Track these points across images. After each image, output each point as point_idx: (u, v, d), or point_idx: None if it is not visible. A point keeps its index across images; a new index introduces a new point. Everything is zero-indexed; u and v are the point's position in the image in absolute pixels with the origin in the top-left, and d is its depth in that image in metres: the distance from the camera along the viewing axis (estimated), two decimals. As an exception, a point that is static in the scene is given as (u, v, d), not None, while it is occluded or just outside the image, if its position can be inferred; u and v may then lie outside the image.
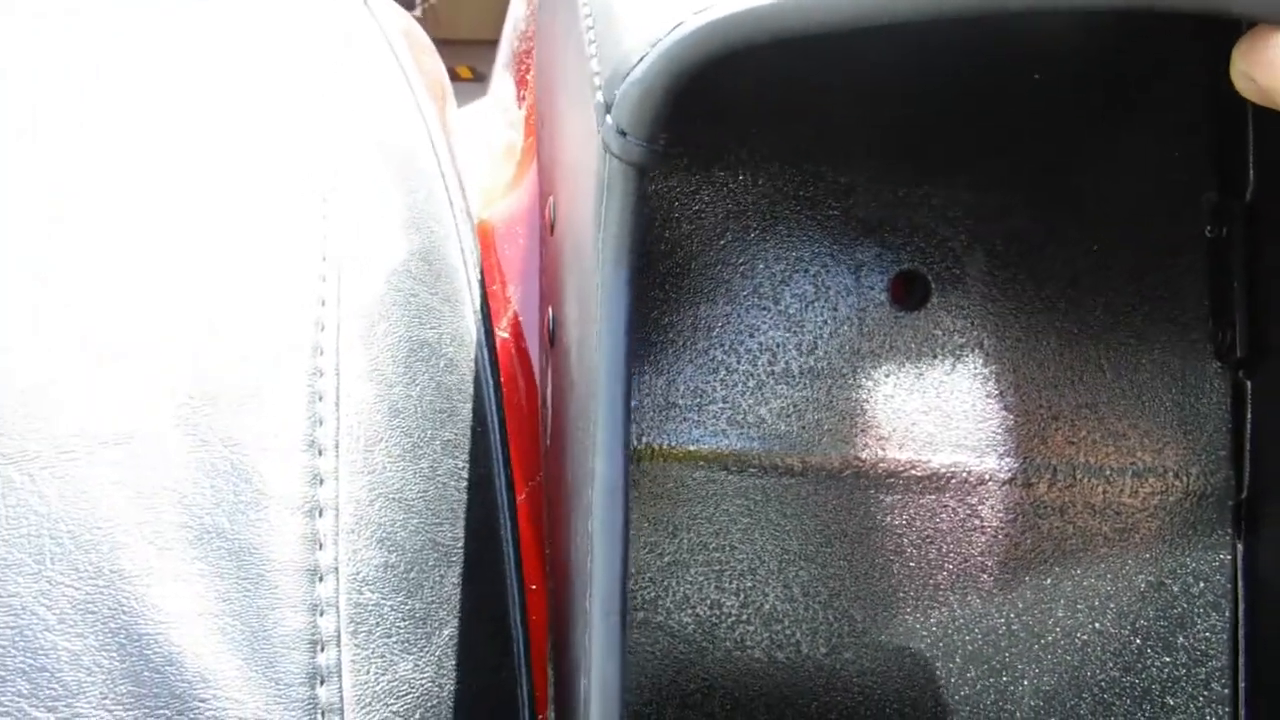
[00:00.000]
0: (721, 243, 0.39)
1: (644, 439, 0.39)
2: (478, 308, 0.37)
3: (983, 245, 0.40)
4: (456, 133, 0.55)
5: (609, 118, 0.25)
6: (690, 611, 0.39)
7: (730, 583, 0.39)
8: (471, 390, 0.35)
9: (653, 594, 0.39)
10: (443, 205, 0.38)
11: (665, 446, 0.39)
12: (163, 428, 0.28)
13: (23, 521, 0.27)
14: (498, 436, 0.35)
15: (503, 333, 0.44)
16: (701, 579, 0.39)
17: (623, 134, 0.24)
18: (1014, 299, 0.40)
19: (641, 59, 0.24)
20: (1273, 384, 0.38)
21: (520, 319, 0.46)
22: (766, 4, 0.23)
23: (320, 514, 0.28)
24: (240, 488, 0.28)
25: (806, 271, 0.39)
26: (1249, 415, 0.39)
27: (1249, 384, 0.39)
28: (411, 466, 0.31)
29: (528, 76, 0.63)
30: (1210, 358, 0.39)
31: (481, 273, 0.39)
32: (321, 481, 0.29)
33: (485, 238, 0.50)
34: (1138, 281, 0.40)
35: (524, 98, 0.65)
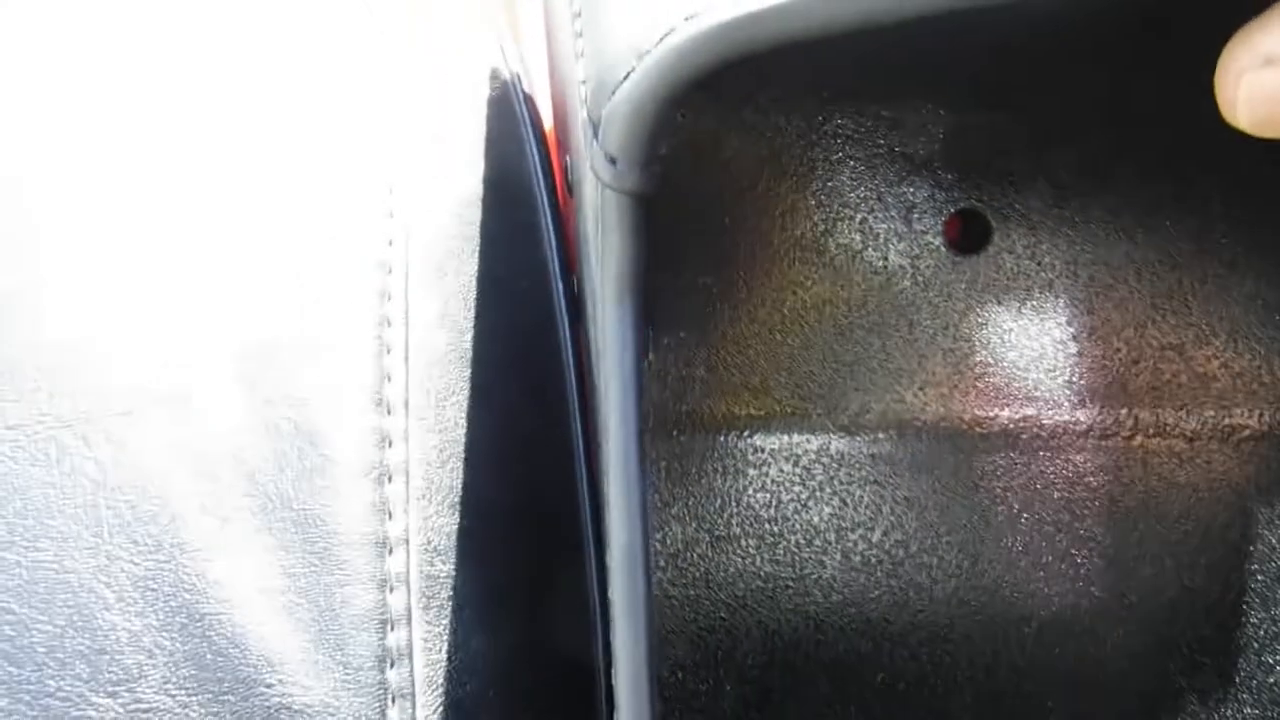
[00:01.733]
0: (756, 192, 0.36)
1: (685, 405, 0.37)
2: (552, 231, 0.35)
3: (1046, 174, 0.36)
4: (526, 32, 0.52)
5: (596, 142, 0.22)
6: (744, 584, 0.37)
7: (785, 554, 0.37)
8: (546, 326, 0.33)
9: (703, 570, 0.37)
10: (515, 122, 0.35)
11: (709, 413, 0.37)
12: (221, 383, 0.26)
13: (78, 490, 0.25)
14: (573, 377, 0.33)
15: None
16: (754, 551, 0.37)
17: (613, 161, 0.21)
18: (1084, 232, 0.36)
19: (628, 74, 0.21)
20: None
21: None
22: (768, 7, 0.20)
23: (389, 479, 0.27)
24: (305, 450, 0.26)
25: (852, 218, 0.36)
26: None
27: (1354, 318, 0.35)
28: (485, 420, 0.29)
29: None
30: None
31: (557, 193, 0.36)
32: (390, 443, 0.27)
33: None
34: (1226, 206, 0.35)
35: None
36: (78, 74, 0.30)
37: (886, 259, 0.36)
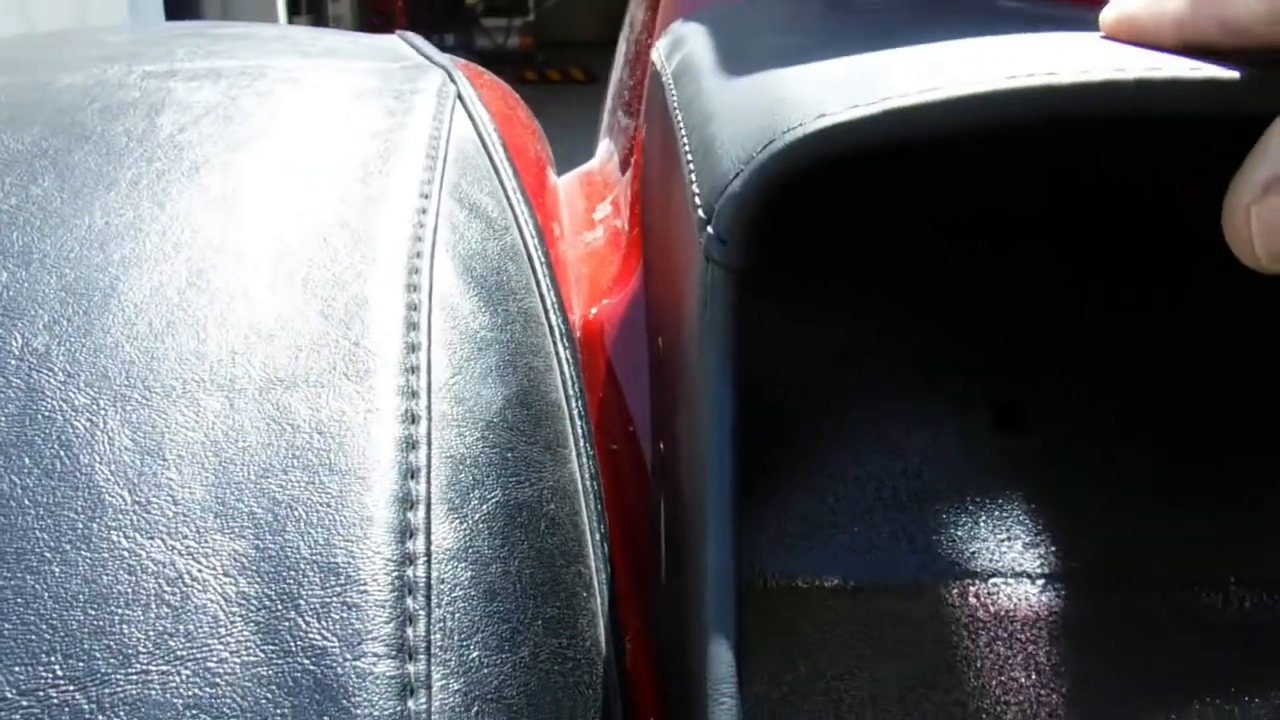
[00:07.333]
0: (823, 371, 0.39)
1: (757, 568, 0.40)
2: (583, 447, 0.36)
3: (1093, 375, 0.39)
4: (557, 214, 0.54)
5: (709, 228, 0.27)
6: None
7: (851, 713, 0.39)
8: (576, 549, 0.33)
9: None
10: (541, 332, 0.36)
11: (780, 576, 0.40)
12: (238, 635, 0.26)
13: None
14: (602, 608, 0.33)
15: (613, 444, 0.44)
16: (821, 709, 0.40)
17: (723, 242, 0.27)
18: (1126, 424, 0.39)
19: (737, 175, 0.27)
20: None
21: (635, 428, 0.46)
22: (849, 119, 0.25)
23: None
24: (325, 706, 0.26)
25: (908, 399, 0.39)
26: None
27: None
28: (511, 658, 0.29)
29: (630, 159, 0.62)
30: None
31: (585, 402, 0.37)
32: (413, 691, 0.26)
33: (594, 338, 0.49)
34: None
35: (627, 174, 0.64)
36: None
37: (938, 436, 0.39)
